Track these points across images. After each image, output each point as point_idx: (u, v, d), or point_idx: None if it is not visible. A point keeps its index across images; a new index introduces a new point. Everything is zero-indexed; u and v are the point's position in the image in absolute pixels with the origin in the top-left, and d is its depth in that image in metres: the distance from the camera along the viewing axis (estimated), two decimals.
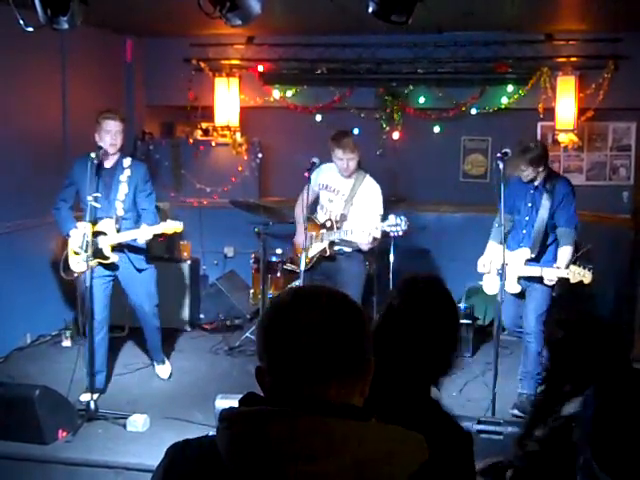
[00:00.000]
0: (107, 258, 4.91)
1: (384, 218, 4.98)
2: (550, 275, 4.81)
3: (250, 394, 1.29)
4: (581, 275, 4.71)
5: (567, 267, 4.76)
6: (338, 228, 5.21)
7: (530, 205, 4.99)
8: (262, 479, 1.17)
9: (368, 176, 5.31)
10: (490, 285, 5.05)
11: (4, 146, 5.77)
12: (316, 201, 5.49)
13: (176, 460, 1.32)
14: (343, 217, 5.25)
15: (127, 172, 4.98)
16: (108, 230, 4.90)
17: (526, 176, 4.88)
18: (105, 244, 4.89)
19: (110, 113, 4.95)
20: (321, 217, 5.39)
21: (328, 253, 5.28)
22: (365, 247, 5.16)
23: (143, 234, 4.87)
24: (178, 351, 6.18)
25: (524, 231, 5.02)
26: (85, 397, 4.80)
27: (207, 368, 5.82)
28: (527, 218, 5.00)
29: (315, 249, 5.33)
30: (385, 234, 5.02)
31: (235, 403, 1.31)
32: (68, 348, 6.09)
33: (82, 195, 4.90)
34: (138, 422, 4.51)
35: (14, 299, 5.89)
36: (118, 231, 4.93)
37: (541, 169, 4.88)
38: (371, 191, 5.24)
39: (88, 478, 4.11)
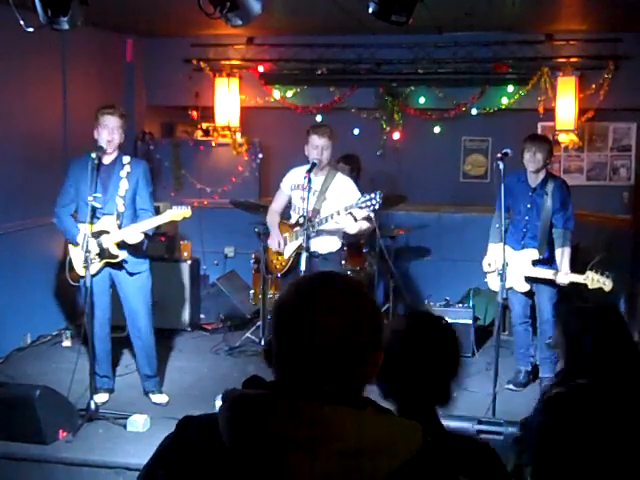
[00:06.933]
0: (116, 257, 4.75)
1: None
2: (564, 280, 4.81)
3: (255, 377, 1.31)
4: (601, 282, 4.65)
5: (582, 272, 4.73)
6: (311, 222, 4.97)
7: (529, 206, 5.01)
8: (259, 460, 1.19)
9: (339, 173, 5.21)
10: (496, 282, 4.99)
11: (4, 146, 5.76)
12: (289, 207, 5.31)
13: (181, 435, 1.38)
14: (316, 211, 5.04)
15: (127, 168, 4.77)
16: (110, 228, 4.72)
17: (537, 161, 4.89)
18: (110, 242, 4.71)
19: (109, 108, 4.74)
20: (294, 218, 5.20)
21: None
22: (352, 230, 4.98)
23: (148, 225, 4.72)
24: (178, 351, 6.17)
25: (524, 230, 5.05)
26: (100, 398, 4.89)
27: (207, 368, 5.81)
28: (527, 218, 5.02)
29: (291, 248, 5.13)
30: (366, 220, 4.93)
31: None
32: (68, 348, 6.08)
33: (82, 195, 4.73)
34: (138, 422, 4.51)
35: (14, 299, 5.88)
36: (119, 227, 4.73)
37: (547, 163, 4.97)
38: (344, 183, 5.10)
39: (88, 478, 4.11)
